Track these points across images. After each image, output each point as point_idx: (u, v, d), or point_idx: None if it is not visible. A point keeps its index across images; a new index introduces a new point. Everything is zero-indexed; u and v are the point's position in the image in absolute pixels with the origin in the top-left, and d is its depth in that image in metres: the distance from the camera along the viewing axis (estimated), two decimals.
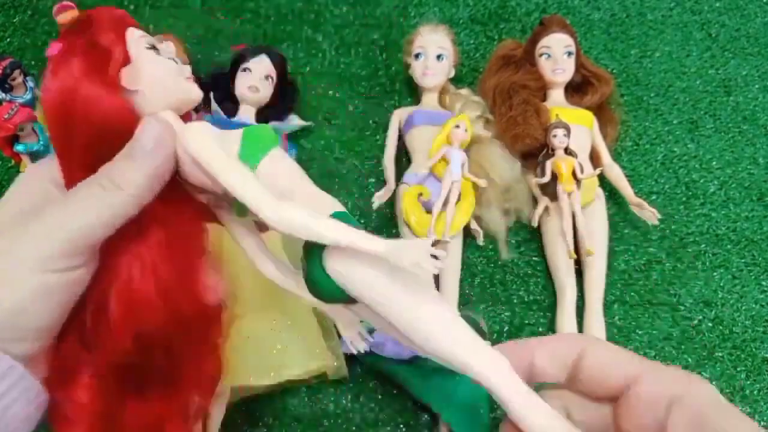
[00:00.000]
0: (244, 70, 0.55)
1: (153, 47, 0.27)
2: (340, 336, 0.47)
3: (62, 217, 0.24)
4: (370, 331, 0.40)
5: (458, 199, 0.52)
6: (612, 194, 0.57)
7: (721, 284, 0.55)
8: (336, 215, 0.25)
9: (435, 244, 0.27)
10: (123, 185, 0.24)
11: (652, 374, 0.22)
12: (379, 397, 0.48)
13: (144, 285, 0.26)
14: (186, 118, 0.28)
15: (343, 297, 0.25)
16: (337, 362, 0.46)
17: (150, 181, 0.25)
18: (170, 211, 0.27)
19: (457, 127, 0.53)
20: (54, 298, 0.24)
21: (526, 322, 0.53)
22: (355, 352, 0.41)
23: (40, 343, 0.25)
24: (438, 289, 0.32)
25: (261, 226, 0.30)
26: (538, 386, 0.23)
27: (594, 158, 0.57)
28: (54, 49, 0.26)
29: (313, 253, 0.25)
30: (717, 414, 0.21)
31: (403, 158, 0.58)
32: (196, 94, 0.28)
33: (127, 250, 0.26)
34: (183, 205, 0.28)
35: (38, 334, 0.24)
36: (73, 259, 0.24)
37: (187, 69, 0.28)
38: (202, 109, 0.57)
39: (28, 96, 0.51)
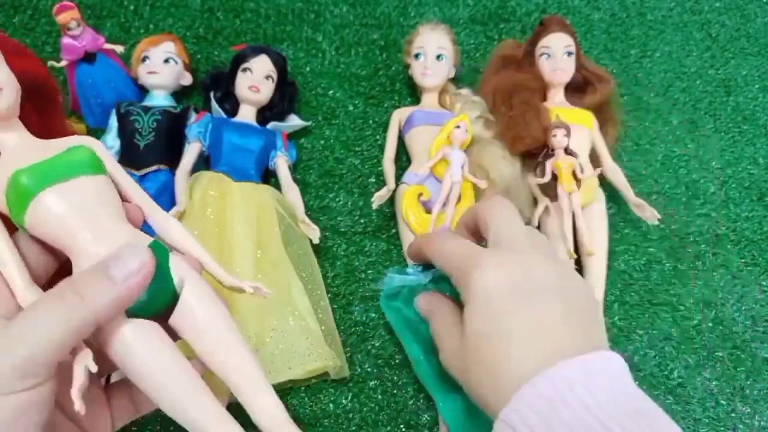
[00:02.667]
0: (245, 70, 0.55)
1: None
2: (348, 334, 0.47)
3: (16, 332, 0.22)
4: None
5: (458, 200, 0.52)
6: (612, 194, 0.57)
7: (721, 284, 0.55)
8: None
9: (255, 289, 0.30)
10: (88, 299, 0.22)
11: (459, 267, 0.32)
12: (379, 397, 0.48)
13: None
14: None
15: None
16: (338, 362, 0.46)
17: (120, 306, 0.23)
18: None
19: (458, 127, 0.53)
20: (26, 420, 0.22)
21: None
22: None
23: None
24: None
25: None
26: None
27: (594, 158, 0.57)
28: None
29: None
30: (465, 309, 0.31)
31: (403, 158, 0.59)
32: None
33: None
34: None
35: None
36: (37, 378, 0.22)
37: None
38: (202, 110, 0.57)
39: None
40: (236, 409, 0.47)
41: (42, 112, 0.29)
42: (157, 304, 0.26)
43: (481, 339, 0.28)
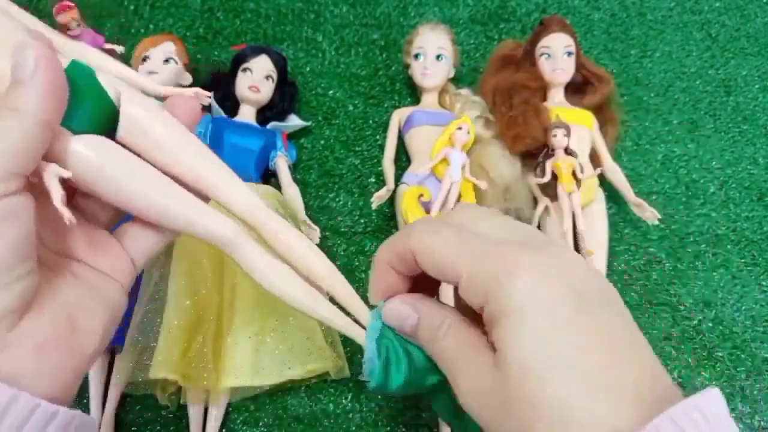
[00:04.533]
0: (245, 70, 0.55)
1: None
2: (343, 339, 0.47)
3: None
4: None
5: (458, 200, 0.52)
6: (612, 194, 0.57)
7: (721, 284, 0.55)
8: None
9: None
10: (21, 109, 0.22)
11: (467, 276, 0.23)
12: (379, 397, 0.48)
13: None
14: None
15: None
16: (338, 362, 0.46)
17: (47, 98, 0.22)
18: None
19: (460, 129, 0.53)
20: (6, 229, 0.21)
21: None
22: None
23: (11, 293, 0.21)
24: (438, 293, 0.32)
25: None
26: None
27: (594, 158, 0.57)
28: None
29: None
30: (498, 330, 0.22)
31: (403, 158, 0.59)
32: None
33: None
34: None
35: (1, 277, 0.21)
36: (4, 184, 0.21)
37: None
38: (202, 110, 0.57)
39: None
40: (235, 409, 0.47)
41: None
42: (101, 122, 0.25)
43: (531, 372, 0.20)
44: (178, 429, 0.46)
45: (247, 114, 0.56)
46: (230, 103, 0.57)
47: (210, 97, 0.31)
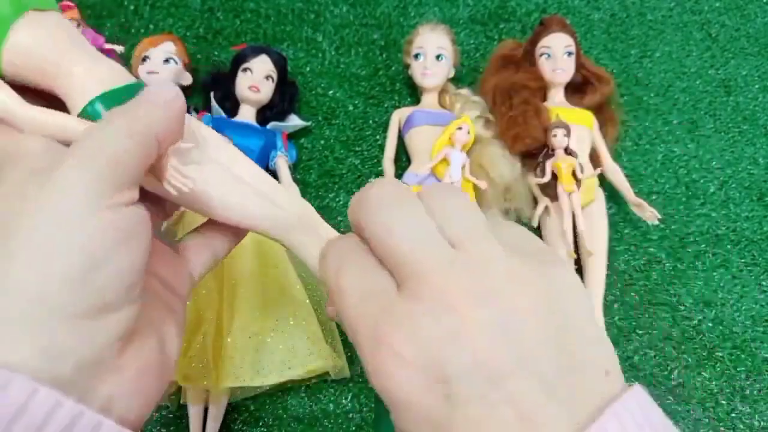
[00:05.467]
0: (245, 70, 0.55)
1: None
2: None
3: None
4: None
5: None
6: (612, 194, 0.57)
7: (721, 284, 0.55)
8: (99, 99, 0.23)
9: None
10: (144, 121, 0.21)
11: None
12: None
13: None
14: None
15: None
16: (339, 362, 0.46)
17: (173, 122, 0.22)
18: None
19: (460, 128, 0.53)
20: (135, 242, 0.20)
21: None
22: None
23: (130, 313, 0.20)
24: None
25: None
26: None
27: (594, 158, 0.57)
28: None
29: None
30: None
31: (403, 158, 0.59)
32: None
33: None
34: None
35: (127, 294, 0.19)
36: (131, 192, 0.20)
37: None
38: (202, 109, 0.57)
39: None
40: (235, 409, 0.47)
41: None
42: None
43: None
44: (178, 429, 0.46)
45: (247, 114, 0.56)
46: (230, 103, 0.57)
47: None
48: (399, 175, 0.56)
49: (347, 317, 0.20)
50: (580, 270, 0.53)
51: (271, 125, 0.56)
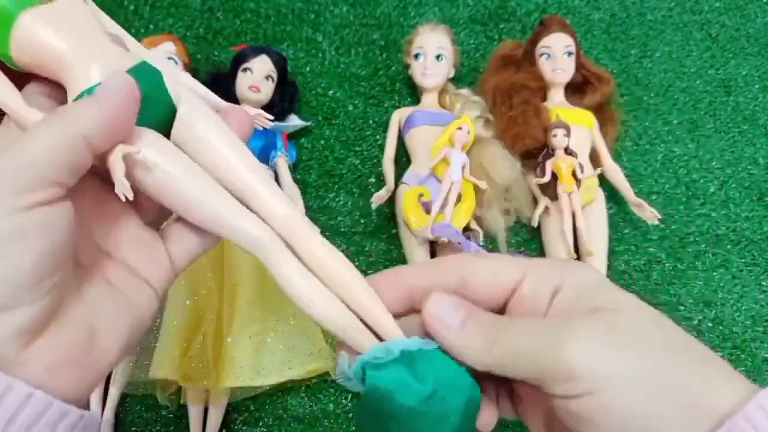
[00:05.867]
0: (245, 70, 0.55)
1: None
2: None
3: (19, 146, 0.21)
4: None
5: (458, 200, 0.52)
6: (612, 194, 0.57)
7: (721, 284, 0.55)
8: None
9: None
10: (74, 118, 0.22)
11: (532, 272, 0.24)
12: None
13: None
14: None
15: None
16: None
17: (106, 123, 0.22)
18: None
19: (460, 128, 0.53)
20: (28, 244, 0.20)
21: None
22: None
23: (32, 310, 0.21)
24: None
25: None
26: None
27: (594, 158, 0.57)
28: None
29: None
30: (597, 289, 0.23)
31: (403, 158, 0.58)
32: None
33: None
34: None
35: (21, 294, 0.20)
36: (36, 194, 0.20)
37: None
38: None
39: None
40: (235, 409, 0.47)
41: None
42: (161, 121, 0.25)
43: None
44: (178, 429, 0.46)
45: None
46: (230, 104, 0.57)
47: (271, 120, 0.31)
48: (399, 175, 0.56)
49: None
50: None
51: (271, 125, 0.56)
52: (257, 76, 0.55)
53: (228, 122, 0.26)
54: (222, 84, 0.57)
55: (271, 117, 0.30)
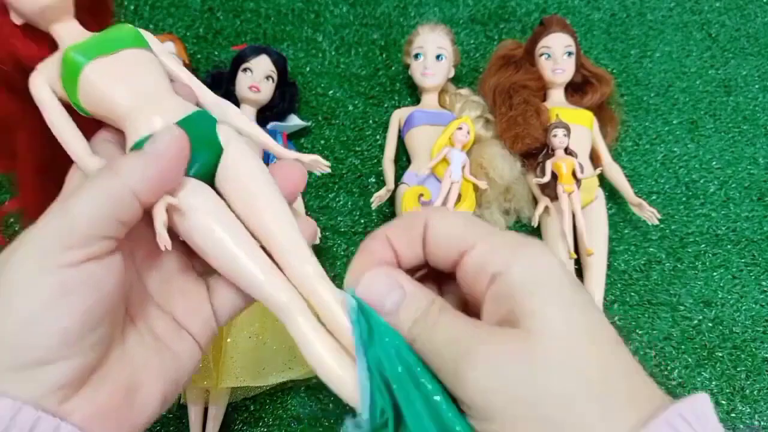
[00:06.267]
0: (245, 70, 0.55)
1: None
2: None
3: (66, 205, 0.22)
4: None
5: (458, 200, 0.52)
6: (612, 194, 0.57)
7: (721, 284, 0.55)
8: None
9: None
10: (122, 173, 0.22)
11: (481, 246, 0.22)
12: None
13: None
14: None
15: None
16: None
17: (154, 179, 0.23)
18: None
19: (460, 129, 0.53)
20: (74, 300, 0.21)
21: None
22: None
23: (74, 364, 0.21)
24: None
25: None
26: None
27: (594, 158, 0.57)
28: None
29: None
30: (529, 290, 0.20)
31: (403, 158, 0.59)
32: None
33: None
34: None
35: (65, 349, 0.20)
36: (83, 250, 0.21)
37: None
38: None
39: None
40: (235, 409, 0.47)
41: (95, 13, 0.29)
42: (209, 168, 0.26)
43: (575, 349, 0.20)
44: (178, 429, 0.46)
45: (247, 114, 0.56)
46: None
47: (328, 167, 0.31)
48: (399, 175, 0.56)
49: None
50: (580, 270, 0.54)
51: (271, 125, 0.56)
52: (257, 76, 0.55)
53: (275, 174, 0.27)
54: (222, 84, 0.57)
55: (327, 164, 0.30)
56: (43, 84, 0.25)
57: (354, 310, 0.22)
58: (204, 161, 0.25)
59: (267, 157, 0.55)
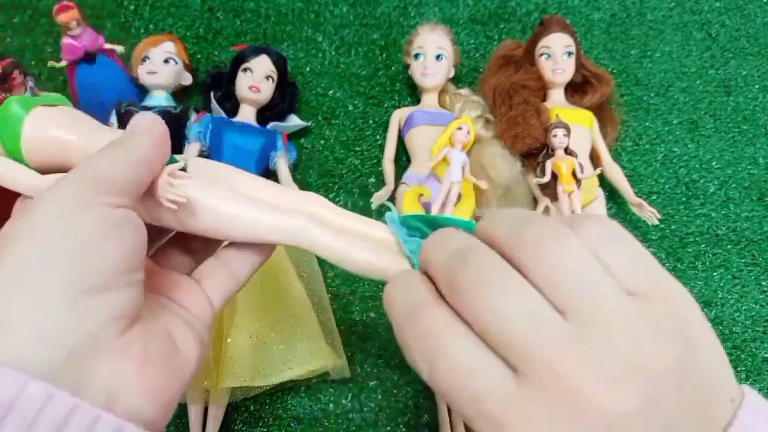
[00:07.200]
0: (245, 70, 0.55)
1: None
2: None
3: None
4: None
5: (458, 200, 0.52)
6: (612, 194, 0.57)
7: (721, 284, 0.55)
8: None
9: None
10: (132, 147, 0.23)
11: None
12: (379, 397, 0.48)
13: None
14: None
15: None
16: (339, 362, 0.46)
17: (156, 146, 0.24)
18: None
19: (460, 129, 0.53)
20: (122, 232, 0.21)
21: None
22: None
23: (126, 294, 0.21)
24: None
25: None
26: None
27: (594, 158, 0.57)
28: None
29: None
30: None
31: (403, 158, 0.59)
32: None
33: None
34: None
35: (116, 278, 0.21)
36: (119, 198, 0.22)
37: None
38: (202, 110, 0.57)
39: (28, 95, 0.51)
40: (235, 409, 0.47)
41: None
42: None
43: None
44: (178, 429, 0.46)
45: (247, 114, 0.56)
46: (230, 103, 0.57)
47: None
48: (399, 175, 0.56)
49: (461, 415, 0.18)
50: None
51: (271, 125, 0.56)
52: (257, 76, 0.55)
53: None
54: (222, 84, 0.57)
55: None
56: None
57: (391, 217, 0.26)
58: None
59: (267, 158, 0.55)
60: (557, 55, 0.57)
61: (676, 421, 0.16)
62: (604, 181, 0.57)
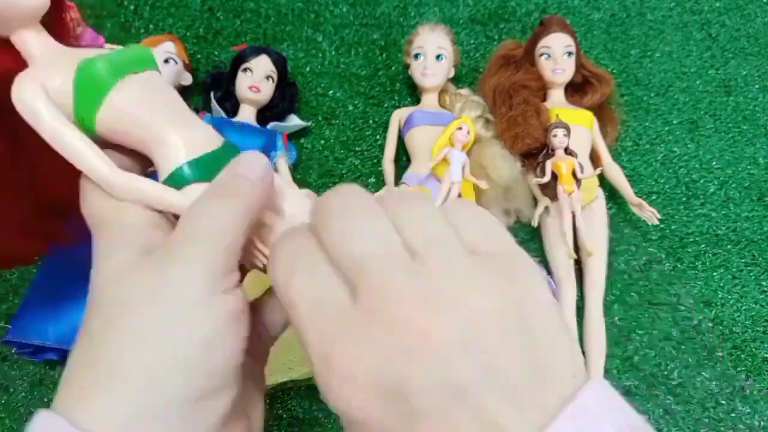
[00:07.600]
0: (245, 70, 0.55)
1: None
2: None
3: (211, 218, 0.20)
4: None
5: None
6: (612, 194, 0.57)
7: (721, 284, 0.55)
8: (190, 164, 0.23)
9: None
10: (242, 196, 0.21)
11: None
12: None
13: None
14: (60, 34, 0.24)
15: None
16: None
17: (262, 202, 0.22)
18: None
19: (460, 129, 0.53)
20: (239, 327, 0.20)
21: None
22: None
23: (232, 394, 0.20)
24: None
25: None
26: None
27: (594, 158, 0.57)
28: None
29: None
30: None
31: (403, 158, 0.59)
32: None
33: None
34: None
35: (231, 378, 0.20)
36: (235, 275, 0.20)
37: None
38: (202, 110, 0.57)
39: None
40: None
41: (54, 24, 0.25)
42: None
43: None
44: None
45: (247, 114, 0.56)
46: (230, 103, 0.57)
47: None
48: (399, 175, 0.56)
49: (297, 326, 0.19)
50: (580, 270, 0.54)
51: (271, 125, 0.56)
52: (257, 76, 0.55)
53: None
54: (222, 84, 0.57)
55: None
56: (40, 94, 0.21)
57: None
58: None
59: (267, 158, 0.55)
60: (557, 55, 0.57)
61: (502, 364, 0.16)
62: (604, 181, 0.57)
